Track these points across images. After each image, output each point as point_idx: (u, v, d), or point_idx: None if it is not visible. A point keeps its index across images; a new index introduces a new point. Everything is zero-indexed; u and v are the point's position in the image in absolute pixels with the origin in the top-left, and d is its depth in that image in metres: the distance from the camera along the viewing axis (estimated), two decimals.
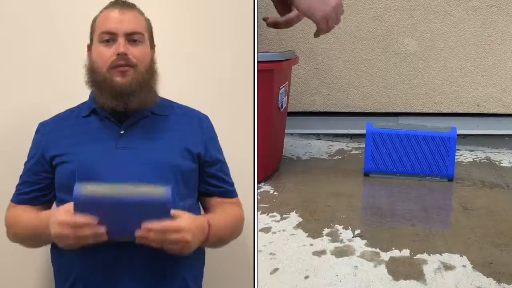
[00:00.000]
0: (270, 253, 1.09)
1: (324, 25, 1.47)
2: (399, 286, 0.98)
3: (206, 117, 1.08)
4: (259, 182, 1.52)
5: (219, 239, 0.97)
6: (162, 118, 1.03)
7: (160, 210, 0.82)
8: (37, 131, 1.04)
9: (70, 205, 0.86)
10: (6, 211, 1.01)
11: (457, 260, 1.07)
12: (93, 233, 0.85)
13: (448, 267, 1.04)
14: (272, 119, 1.51)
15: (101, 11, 1.02)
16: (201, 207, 1.05)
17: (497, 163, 1.82)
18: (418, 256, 1.09)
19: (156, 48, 1.05)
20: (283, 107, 1.60)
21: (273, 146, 1.59)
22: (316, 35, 1.51)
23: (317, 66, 2.01)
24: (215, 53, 1.23)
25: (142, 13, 1.03)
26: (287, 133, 1.83)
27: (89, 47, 1.02)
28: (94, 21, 1.02)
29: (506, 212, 1.34)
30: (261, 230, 1.21)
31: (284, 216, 1.30)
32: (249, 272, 0.98)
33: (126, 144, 0.98)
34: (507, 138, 2.02)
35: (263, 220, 1.27)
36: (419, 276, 1.01)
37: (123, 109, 0.98)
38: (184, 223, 0.87)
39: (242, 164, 1.10)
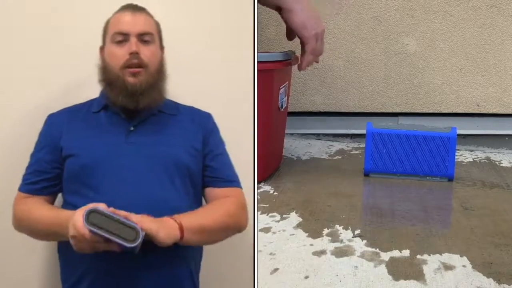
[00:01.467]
0: (270, 253, 1.09)
1: (314, 44, 1.48)
2: (399, 286, 0.98)
3: (208, 114, 1.12)
4: (259, 182, 1.52)
5: (203, 234, 0.96)
6: (170, 117, 1.08)
7: (131, 234, 0.87)
8: (46, 122, 1.07)
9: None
10: (14, 201, 1.03)
11: (457, 260, 1.07)
12: (107, 246, 0.88)
13: (448, 267, 1.04)
14: (272, 119, 1.51)
15: (114, 14, 1.07)
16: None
17: (497, 163, 1.82)
18: (418, 256, 1.09)
19: (164, 48, 1.09)
20: (283, 107, 1.60)
21: (273, 146, 1.59)
22: (302, 64, 1.50)
23: (317, 66, 2.01)
24: (215, 53, 1.23)
25: (151, 16, 1.08)
26: (287, 133, 1.82)
27: (102, 49, 1.07)
28: (107, 23, 1.07)
29: (506, 212, 1.34)
30: (261, 230, 1.21)
31: (284, 216, 1.30)
32: (249, 272, 0.98)
33: (135, 140, 1.01)
34: (507, 138, 2.02)
35: (263, 220, 1.27)
36: (419, 276, 1.01)
37: (134, 107, 1.02)
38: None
39: (242, 164, 1.10)
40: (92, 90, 1.08)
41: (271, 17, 1.98)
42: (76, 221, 0.85)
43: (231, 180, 1.06)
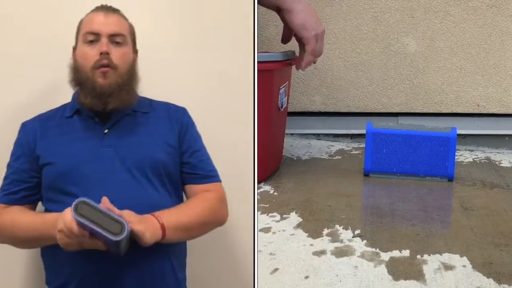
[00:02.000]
0: (270, 253, 1.09)
1: (314, 44, 1.48)
2: (399, 286, 0.98)
3: (183, 108, 1.12)
4: (259, 182, 1.52)
5: (183, 231, 0.97)
6: (143, 115, 1.07)
7: (117, 228, 0.87)
8: (20, 131, 1.06)
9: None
10: None
11: (457, 260, 1.07)
12: (93, 243, 0.88)
13: (448, 267, 1.04)
14: (272, 119, 1.51)
15: (87, 14, 1.06)
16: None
17: (497, 163, 1.82)
18: (418, 256, 1.09)
19: (144, 46, 1.08)
20: (283, 107, 1.60)
21: (273, 147, 1.59)
22: (302, 65, 1.49)
23: (317, 66, 2.01)
24: (215, 53, 1.23)
25: (126, 18, 1.08)
26: (287, 133, 1.83)
27: (74, 49, 1.06)
28: (80, 23, 1.06)
29: (506, 212, 1.33)
30: (261, 230, 1.21)
31: (284, 216, 1.30)
32: (249, 272, 0.98)
33: (110, 143, 1.01)
34: (507, 138, 2.02)
35: (263, 220, 1.27)
36: (419, 276, 1.01)
37: (102, 109, 1.02)
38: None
39: (242, 164, 1.10)
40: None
41: (271, 17, 1.98)
42: (66, 214, 0.86)
43: (210, 175, 1.06)
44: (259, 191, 1.47)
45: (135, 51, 1.06)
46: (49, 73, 1.13)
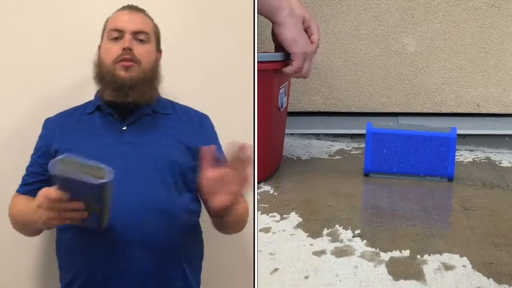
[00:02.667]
0: (270, 253, 1.09)
1: (301, 62, 1.47)
2: (399, 286, 0.98)
3: (206, 116, 1.11)
4: (259, 182, 1.52)
5: (238, 218, 0.98)
6: (164, 117, 1.07)
7: (99, 173, 0.85)
8: (43, 126, 1.09)
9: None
10: (11, 200, 1.05)
11: (457, 260, 1.07)
12: (78, 216, 0.86)
13: (448, 267, 1.04)
14: (272, 119, 1.51)
15: (113, 13, 1.08)
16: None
17: (497, 163, 1.82)
18: (418, 256, 1.09)
19: (162, 52, 1.09)
20: (283, 107, 1.60)
21: (273, 147, 1.59)
22: (289, 72, 1.48)
23: (317, 66, 2.01)
24: (214, 53, 1.23)
25: (150, 18, 1.09)
26: (287, 133, 1.82)
27: (99, 47, 1.08)
28: (106, 22, 1.08)
29: (506, 212, 1.34)
30: (261, 230, 1.21)
31: (284, 216, 1.30)
32: (249, 272, 0.98)
33: (128, 140, 1.01)
34: (507, 138, 2.02)
35: (263, 220, 1.27)
36: (419, 276, 1.01)
37: (121, 101, 1.02)
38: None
39: None
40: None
41: None
42: (44, 188, 0.86)
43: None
44: (259, 191, 1.47)
45: (159, 51, 1.08)
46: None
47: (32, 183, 1.03)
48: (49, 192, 0.85)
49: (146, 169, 0.97)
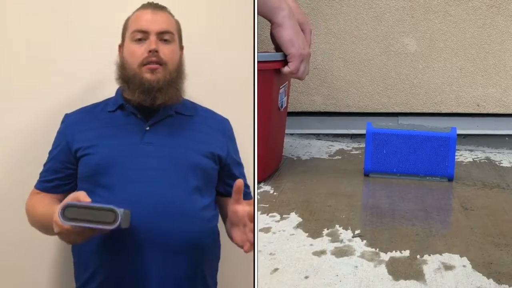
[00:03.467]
0: (270, 253, 1.09)
1: (298, 63, 1.48)
2: (399, 286, 0.98)
3: (227, 120, 1.11)
4: (259, 182, 1.52)
5: None
6: (187, 119, 1.06)
7: (110, 216, 0.86)
8: (62, 122, 1.08)
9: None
10: (28, 196, 1.05)
11: (457, 260, 1.07)
12: (92, 232, 0.87)
13: (448, 267, 1.04)
14: (272, 119, 1.51)
15: (134, 12, 1.06)
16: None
17: (497, 163, 1.81)
18: (418, 256, 1.09)
19: (183, 48, 1.09)
20: (283, 107, 1.60)
21: (273, 147, 1.59)
22: (286, 73, 1.48)
23: (317, 66, 2.01)
24: (215, 53, 1.23)
25: (172, 15, 1.07)
26: (287, 133, 1.83)
27: (121, 47, 1.06)
28: (126, 21, 1.06)
29: (506, 212, 1.33)
30: (261, 230, 1.21)
31: (284, 216, 1.30)
32: (249, 272, 0.98)
33: (150, 140, 1.01)
34: (507, 138, 2.02)
35: (263, 220, 1.27)
36: (419, 276, 1.01)
37: (150, 104, 1.01)
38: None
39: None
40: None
41: None
42: (57, 220, 0.85)
43: (250, 193, 1.07)
44: (259, 191, 1.47)
45: (181, 48, 1.07)
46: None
47: (51, 180, 1.02)
48: (66, 228, 0.84)
49: (168, 171, 0.97)
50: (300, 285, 0.97)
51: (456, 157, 1.60)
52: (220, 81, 1.21)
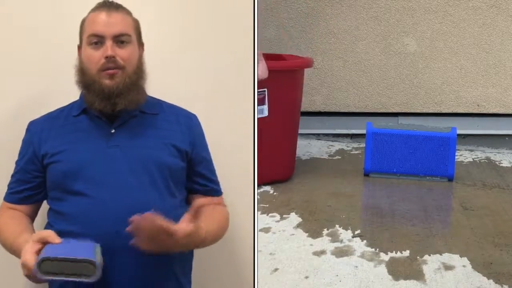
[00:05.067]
0: (270, 253, 1.09)
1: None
2: (399, 286, 0.98)
3: (194, 116, 1.10)
4: (259, 184, 1.52)
5: (210, 242, 0.99)
6: (152, 117, 1.05)
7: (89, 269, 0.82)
8: (27, 130, 1.05)
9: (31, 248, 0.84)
10: None
11: (457, 260, 1.07)
12: None
13: (448, 267, 1.04)
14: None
15: (89, 13, 1.03)
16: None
17: (497, 163, 1.81)
18: (418, 256, 1.09)
19: (145, 47, 1.06)
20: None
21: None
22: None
23: (317, 66, 2.01)
24: (215, 53, 1.23)
25: (129, 13, 1.05)
26: None
27: (79, 48, 1.04)
28: (82, 22, 1.04)
29: (506, 212, 1.34)
30: (261, 230, 1.21)
31: (284, 216, 1.30)
32: (249, 272, 0.98)
33: (116, 143, 1.00)
34: (507, 138, 2.02)
35: (263, 220, 1.27)
36: (419, 276, 1.01)
37: (111, 111, 1.00)
38: (180, 229, 0.86)
39: (242, 164, 1.10)
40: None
41: (271, 17, 1.98)
42: (27, 261, 0.82)
43: (219, 189, 1.06)
44: (259, 191, 1.47)
45: (140, 45, 1.04)
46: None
47: (20, 191, 0.99)
48: (38, 277, 0.81)
49: (136, 172, 0.96)
50: (300, 285, 0.98)
51: (456, 157, 1.60)
52: (220, 81, 1.21)
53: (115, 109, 0.99)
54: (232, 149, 1.12)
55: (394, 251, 1.11)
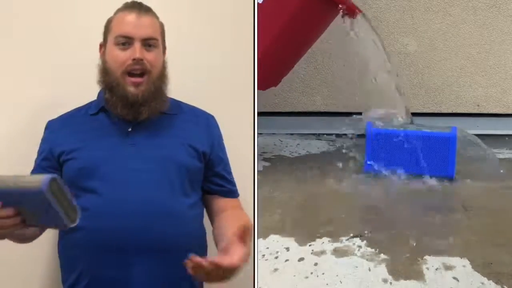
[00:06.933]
0: (270, 253, 1.10)
1: None
2: (399, 286, 0.98)
3: (213, 117, 1.10)
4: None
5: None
6: (170, 117, 1.05)
7: (40, 199, 0.78)
8: (46, 128, 1.07)
9: None
10: None
11: (457, 260, 1.07)
12: (10, 223, 0.81)
13: (448, 267, 1.04)
14: None
15: (117, 13, 1.03)
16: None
17: None
18: (418, 256, 1.09)
19: (166, 49, 1.07)
20: None
21: None
22: None
23: (317, 66, 2.01)
24: (215, 53, 1.23)
25: (157, 17, 1.04)
26: (286, 133, 1.82)
27: (102, 47, 1.03)
28: (109, 22, 1.03)
29: (506, 212, 1.34)
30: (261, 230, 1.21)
31: (284, 216, 1.30)
32: (249, 272, 0.98)
33: (133, 141, 1.00)
34: (507, 138, 2.02)
35: (262, 220, 1.27)
36: (419, 276, 1.01)
37: (133, 119, 0.99)
38: (237, 260, 0.84)
39: (242, 164, 1.10)
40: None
41: None
42: None
43: (236, 190, 1.06)
44: (259, 191, 1.47)
45: (164, 49, 1.04)
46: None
47: None
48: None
49: (152, 172, 0.96)
50: (300, 285, 0.98)
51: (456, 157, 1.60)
52: (220, 81, 1.21)
53: (138, 118, 0.99)
54: (232, 148, 1.13)
55: (394, 251, 1.11)
